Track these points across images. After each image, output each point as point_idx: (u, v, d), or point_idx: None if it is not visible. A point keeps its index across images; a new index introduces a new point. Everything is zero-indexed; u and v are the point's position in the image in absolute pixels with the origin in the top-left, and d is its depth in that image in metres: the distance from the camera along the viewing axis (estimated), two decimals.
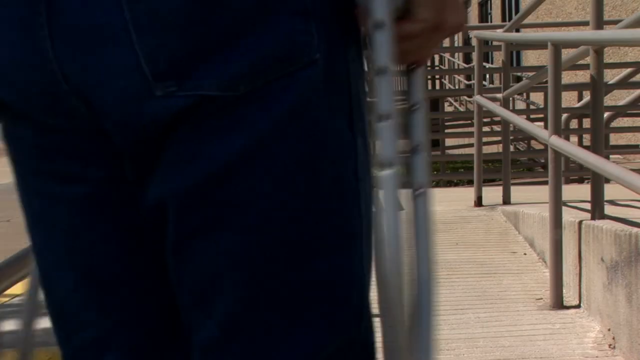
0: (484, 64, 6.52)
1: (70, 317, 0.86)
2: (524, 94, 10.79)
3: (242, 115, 0.71)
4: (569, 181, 6.80)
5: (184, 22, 0.68)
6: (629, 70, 6.70)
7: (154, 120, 0.71)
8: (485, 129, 5.24)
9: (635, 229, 2.43)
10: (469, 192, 4.91)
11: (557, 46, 3.00)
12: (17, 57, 0.72)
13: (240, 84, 0.70)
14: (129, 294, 0.81)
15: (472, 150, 5.24)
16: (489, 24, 19.20)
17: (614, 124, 7.04)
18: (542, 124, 6.78)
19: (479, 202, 4.77)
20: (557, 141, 2.97)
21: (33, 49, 0.70)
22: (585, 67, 3.48)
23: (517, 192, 4.81)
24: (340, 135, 0.75)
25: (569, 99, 9.67)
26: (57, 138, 0.76)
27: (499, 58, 5.02)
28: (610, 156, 6.82)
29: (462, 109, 14.29)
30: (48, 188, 0.80)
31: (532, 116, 8.01)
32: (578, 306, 2.94)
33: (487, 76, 16.82)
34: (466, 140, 7.82)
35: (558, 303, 2.95)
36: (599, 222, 2.77)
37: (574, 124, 7.30)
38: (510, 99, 7.02)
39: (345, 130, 0.75)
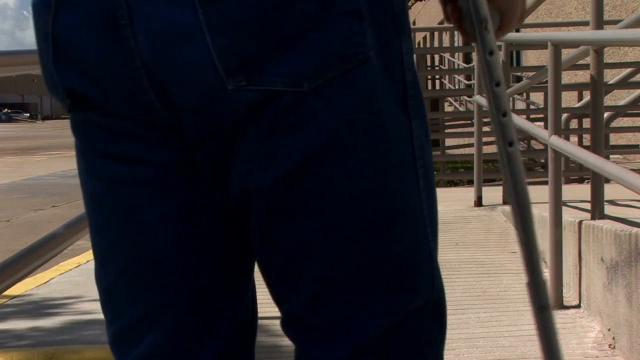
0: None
1: (119, 295, 0.91)
2: (524, 94, 10.79)
3: (308, 112, 0.79)
4: (569, 181, 6.80)
5: (253, 24, 0.76)
6: (629, 70, 6.70)
7: (224, 112, 0.79)
8: (485, 129, 5.24)
9: (635, 229, 2.43)
10: (469, 192, 4.91)
11: (557, 46, 3.00)
12: (103, 56, 0.80)
13: (303, 81, 0.78)
14: (176, 275, 0.88)
15: (472, 150, 5.24)
16: None
17: (614, 124, 7.04)
18: (542, 124, 6.78)
19: (479, 202, 4.77)
20: (557, 141, 2.97)
21: (118, 49, 0.79)
22: (585, 67, 3.48)
23: None
24: (398, 121, 0.84)
25: (569, 99, 9.67)
26: (127, 124, 0.84)
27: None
28: (610, 156, 6.82)
29: (462, 109, 14.28)
30: (112, 170, 0.87)
31: (532, 116, 8.01)
32: (578, 306, 2.94)
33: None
34: (466, 140, 7.82)
35: (558, 303, 2.95)
36: (599, 222, 2.77)
37: (574, 124, 7.30)
38: (510, 99, 7.02)
39: (401, 117, 0.85)
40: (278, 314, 0.88)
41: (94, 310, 3.30)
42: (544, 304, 1.08)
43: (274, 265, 0.87)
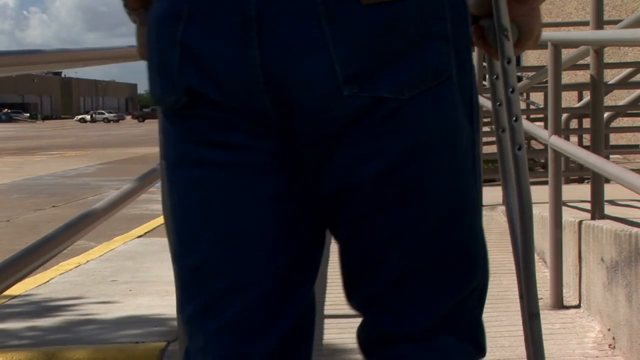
0: (484, 64, 6.51)
1: (207, 271, 1.01)
2: (524, 94, 10.78)
3: (406, 118, 0.94)
4: (569, 181, 6.80)
5: (369, 40, 0.92)
6: (629, 70, 6.70)
7: (337, 115, 0.93)
8: (485, 129, 5.23)
9: (635, 229, 2.43)
10: None
11: (557, 46, 3.00)
12: (228, 62, 0.94)
13: (405, 90, 0.93)
14: (264, 252, 1.00)
15: None
16: None
17: (614, 124, 7.04)
18: (542, 124, 6.78)
19: None
20: (557, 141, 2.97)
21: (243, 58, 0.93)
22: (585, 67, 3.48)
23: None
24: (466, 131, 1.00)
25: (569, 99, 9.66)
26: (234, 118, 0.97)
27: None
28: (610, 156, 6.82)
29: None
30: (214, 156, 0.98)
31: (532, 116, 8.00)
32: (578, 306, 2.94)
33: (487, 76, 16.69)
34: None
35: (558, 303, 2.95)
36: (599, 222, 2.77)
37: (574, 124, 7.29)
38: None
39: (468, 127, 1.01)
40: None
41: (93, 310, 3.30)
42: (534, 312, 1.14)
43: (362, 250, 1.01)
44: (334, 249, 1.07)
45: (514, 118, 1.08)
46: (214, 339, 1.02)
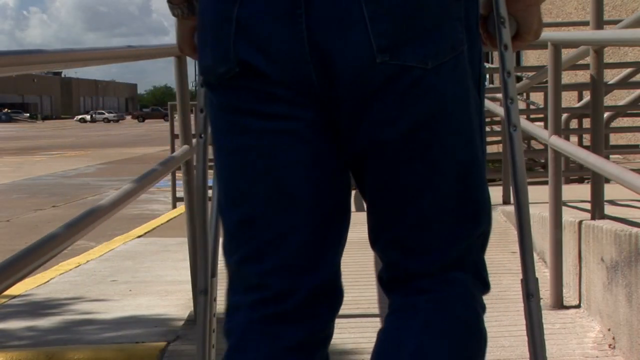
0: (484, 63, 6.52)
1: (253, 223, 1.18)
2: (524, 94, 10.78)
3: (429, 85, 1.12)
4: (569, 181, 6.80)
5: (400, 18, 1.09)
6: (629, 70, 6.69)
7: (371, 80, 1.10)
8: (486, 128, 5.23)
9: (635, 229, 2.43)
10: None
11: (557, 46, 3.00)
12: (278, 36, 1.10)
13: (428, 61, 1.11)
14: (305, 205, 1.17)
15: None
16: None
17: (614, 124, 7.04)
18: (542, 124, 6.78)
19: None
20: (557, 141, 2.97)
21: (291, 32, 1.10)
22: (585, 67, 3.48)
23: None
24: (475, 98, 1.18)
25: (569, 99, 9.66)
26: (279, 90, 1.12)
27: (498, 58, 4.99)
28: (610, 156, 6.82)
29: None
30: (261, 124, 1.15)
31: (532, 116, 8.00)
32: (578, 306, 2.94)
33: (487, 76, 16.75)
34: None
35: (558, 303, 2.95)
36: (599, 222, 2.77)
37: (574, 124, 7.29)
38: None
39: (477, 95, 1.19)
40: None
41: (93, 310, 3.30)
42: (531, 292, 1.29)
43: (387, 200, 1.18)
44: None
45: (510, 99, 1.26)
46: (265, 278, 1.18)
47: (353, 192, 1.46)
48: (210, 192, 1.38)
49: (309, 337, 1.20)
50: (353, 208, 1.29)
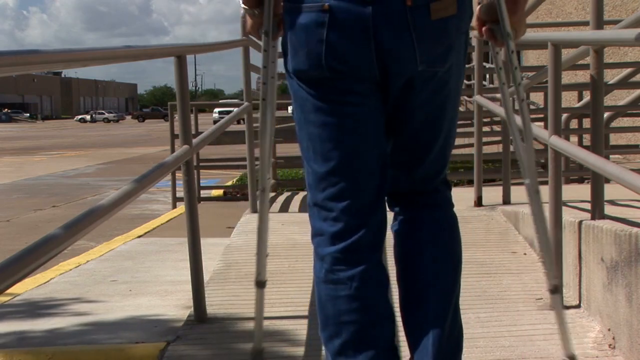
0: (484, 64, 6.50)
1: (335, 173, 1.80)
2: (524, 94, 10.75)
3: (445, 80, 1.81)
4: (569, 181, 6.80)
5: (433, 40, 1.74)
6: (629, 70, 6.69)
7: (414, 79, 1.78)
8: (485, 129, 5.23)
9: (635, 229, 2.43)
10: (469, 192, 4.91)
11: (557, 46, 3.00)
12: (355, 51, 1.73)
13: (446, 65, 1.78)
14: (372, 159, 1.82)
15: (472, 150, 5.24)
16: None
17: (614, 124, 7.04)
18: (542, 124, 6.78)
19: (479, 202, 4.76)
20: (557, 141, 2.97)
21: (364, 48, 1.73)
22: (585, 67, 3.47)
23: (517, 192, 4.80)
24: (462, 77, 1.89)
25: (569, 99, 9.66)
26: (354, 85, 1.77)
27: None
28: (610, 156, 6.81)
29: (462, 109, 14.26)
30: (340, 109, 1.79)
31: (532, 116, 8.00)
32: (578, 306, 2.93)
33: (487, 76, 16.75)
34: (466, 140, 7.81)
35: None
36: (599, 222, 2.77)
37: (574, 124, 7.29)
38: (511, 99, 7.01)
39: (463, 75, 1.89)
40: (277, 314, 0.92)
41: (93, 310, 3.30)
42: (551, 287, 1.88)
43: (408, 143, 1.89)
44: None
45: (519, 83, 1.95)
46: (343, 215, 1.79)
47: None
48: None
49: (378, 256, 1.82)
50: None
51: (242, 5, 1.89)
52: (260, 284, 2.02)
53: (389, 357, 1.80)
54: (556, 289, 2.00)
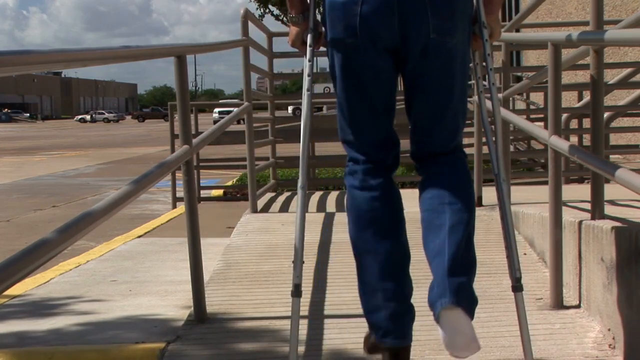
0: (484, 64, 6.51)
1: (363, 121, 2.34)
2: (524, 94, 10.78)
3: (451, 47, 2.25)
4: (569, 181, 6.80)
5: (445, 17, 2.21)
6: (629, 70, 6.70)
7: (427, 45, 2.22)
8: None
9: (635, 229, 2.43)
10: None
11: (557, 46, 3.00)
12: (383, 23, 2.20)
13: (454, 37, 2.24)
14: (387, 111, 2.35)
15: (472, 150, 5.24)
16: None
17: (614, 124, 7.04)
18: (542, 124, 6.78)
19: (479, 202, 4.76)
20: (557, 141, 2.97)
21: (389, 20, 2.19)
22: (585, 67, 3.47)
23: (517, 192, 4.81)
24: (467, 47, 2.34)
25: (569, 99, 9.66)
26: (377, 52, 2.24)
27: (499, 58, 5.03)
28: (610, 156, 6.82)
29: None
30: (366, 69, 2.27)
31: (532, 116, 8.01)
32: (578, 306, 2.93)
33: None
34: (466, 140, 7.82)
35: (558, 303, 2.95)
36: (599, 222, 2.77)
37: (574, 124, 7.29)
38: (510, 99, 7.01)
39: (468, 46, 2.34)
40: (277, 314, 0.92)
41: (93, 310, 3.30)
42: (514, 283, 2.33)
43: (426, 108, 2.33)
44: (334, 253, 1.09)
45: (490, 69, 2.36)
46: (367, 149, 2.36)
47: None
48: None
49: (390, 175, 2.40)
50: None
51: (290, 14, 2.41)
52: (297, 289, 2.38)
53: (401, 249, 2.31)
54: (519, 285, 2.27)
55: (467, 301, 2.12)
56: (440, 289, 2.12)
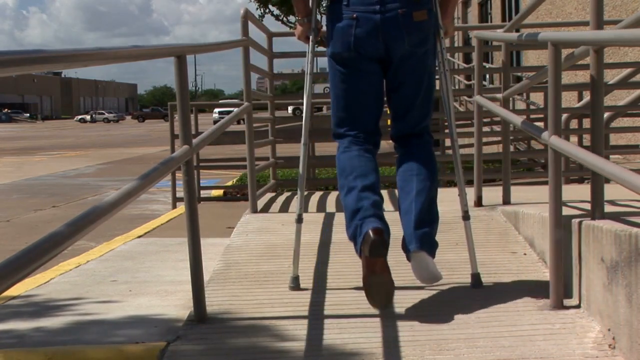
0: (484, 64, 6.51)
1: (350, 108, 3.17)
2: (524, 94, 10.78)
3: (420, 57, 3.15)
4: (569, 181, 6.80)
5: (415, 36, 3.10)
6: (629, 70, 6.70)
7: (404, 56, 3.10)
8: (485, 129, 5.24)
9: (635, 229, 2.43)
10: (469, 192, 4.89)
11: (557, 46, 3.00)
12: (369, 40, 3.07)
13: (423, 49, 3.14)
14: (374, 105, 3.19)
15: (472, 150, 5.24)
16: (489, 24, 19.18)
17: (614, 124, 7.04)
18: (542, 124, 6.78)
19: (479, 202, 4.76)
20: (557, 141, 2.97)
21: (375, 37, 3.07)
22: (585, 67, 3.48)
23: (517, 192, 4.81)
24: (433, 59, 3.22)
25: (569, 99, 9.66)
26: (364, 61, 3.11)
27: (499, 58, 5.02)
28: (610, 156, 6.81)
29: (462, 109, 14.26)
30: (358, 74, 3.14)
31: (532, 116, 8.01)
32: (578, 306, 2.93)
33: (487, 76, 16.72)
34: (466, 140, 7.82)
35: (558, 303, 2.95)
36: (599, 222, 2.77)
37: (574, 124, 7.29)
38: (510, 99, 7.01)
39: (433, 57, 3.22)
40: (277, 314, 0.93)
41: (93, 310, 3.30)
42: (463, 213, 3.32)
43: (401, 95, 3.18)
44: (334, 253, 1.09)
45: (445, 58, 3.30)
46: (356, 131, 3.16)
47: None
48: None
49: (375, 148, 3.20)
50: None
51: (297, 17, 3.36)
52: (300, 220, 3.39)
53: (374, 184, 3.05)
54: (467, 215, 3.34)
55: (428, 246, 2.97)
56: (409, 238, 2.98)
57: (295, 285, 3.25)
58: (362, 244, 2.84)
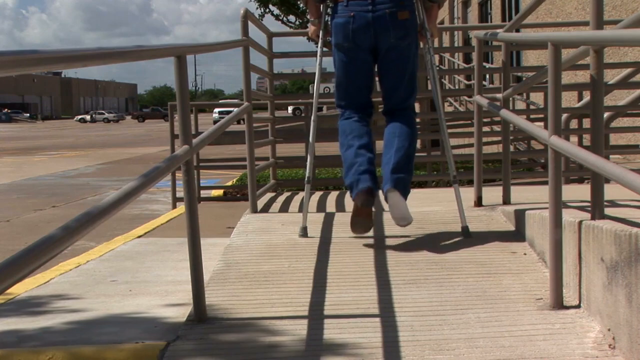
0: (484, 64, 6.51)
1: (351, 91, 4.11)
2: (524, 94, 10.78)
3: (404, 48, 4.02)
4: (569, 181, 6.80)
5: (400, 31, 3.96)
6: (629, 70, 6.70)
7: (390, 47, 3.97)
8: (485, 129, 5.24)
9: (635, 229, 2.43)
10: (469, 192, 4.90)
11: (557, 46, 3.00)
12: (364, 32, 3.94)
13: (407, 42, 4.01)
14: (366, 84, 4.12)
15: (472, 150, 5.24)
16: (489, 24, 19.19)
17: (614, 124, 7.04)
18: (542, 124, 6.78)
19: (479, 202, 4.76)
20: (557, 141, 2.97)
21: (367, 30, 3.94)
22: (585, 67, 3.48)
23: (517, 192, 4.80)
24: (415, 49, 4.09)
25: (569, 99, 9.66)
26: (359, 49, 4.00)
27: (499, 58, 5.02)
28: (610, 156, 6.82)
29: (462, 109, 14.27)
30: (355, 60, 4.03)
31: (532, 116, 8.01)
32: (578, 306, 2.93)
33: (487, 76, 16.72)
34: (466, 140, 7.82)
35: (558, 303, 2.95)
36: (599, 222, 2.77)
37: (574, 124, 7.30)
38: (510, 99, 7.01)
39: (416, 49, 4.09)
40: (277, 314, 0.93)
41: (93, 310, 3.30)
42: (451, 179, 4.24)
43: (388, 78, 4.08)
44: (334, 253, 1.09)
45: (431, 55, 4.23)
46: (353, 105, 4.10)
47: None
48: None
49: (368, 117, 4.12)
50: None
51: (310, 18, 4.22)
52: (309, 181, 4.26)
53: (368, 143, 3.93)
54: (455, 180, 4.18)
55: (402, 188, 3.78)
56: (386, 180, 3.79)
57: (304, 233, 4.08)
58: (356, 196, 3.75)
